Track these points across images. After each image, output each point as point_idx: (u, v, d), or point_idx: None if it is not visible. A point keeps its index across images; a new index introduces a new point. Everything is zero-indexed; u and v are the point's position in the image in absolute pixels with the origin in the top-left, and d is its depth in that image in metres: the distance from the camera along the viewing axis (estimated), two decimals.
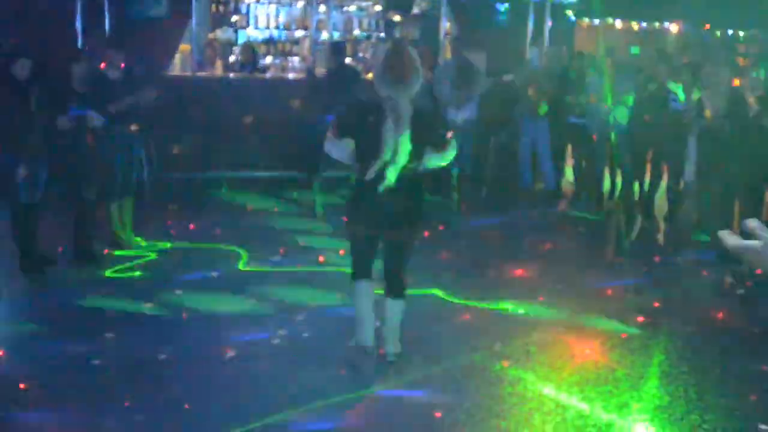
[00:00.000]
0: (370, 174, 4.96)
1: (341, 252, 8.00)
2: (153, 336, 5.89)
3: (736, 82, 7.97)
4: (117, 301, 6.55)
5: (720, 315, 6.80)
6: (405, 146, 4.94)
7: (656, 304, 6.89)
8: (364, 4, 12.59)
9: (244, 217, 9.43)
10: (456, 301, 6.75)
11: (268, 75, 11.97)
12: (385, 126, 4.91)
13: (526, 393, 5.18)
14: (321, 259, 7.85)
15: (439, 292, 6.87)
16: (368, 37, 12.62)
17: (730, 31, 13.70)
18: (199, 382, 5.20)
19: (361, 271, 5.36)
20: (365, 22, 12.65)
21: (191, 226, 8.79)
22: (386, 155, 4.92)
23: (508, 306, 6.72)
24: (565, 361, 5.70)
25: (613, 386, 5.33)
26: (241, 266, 7.54)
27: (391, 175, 4.95)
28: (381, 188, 4.97)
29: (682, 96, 8.92)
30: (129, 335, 5.88)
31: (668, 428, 4.82)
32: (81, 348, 5.59)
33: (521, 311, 6.65)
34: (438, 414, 4.84)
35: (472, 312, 6.57)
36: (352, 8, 12.51)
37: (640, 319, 6.55)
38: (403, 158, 4.96)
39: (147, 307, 6.41)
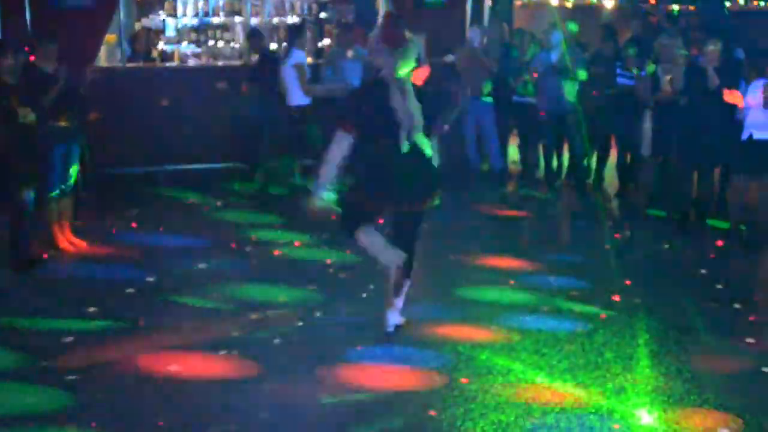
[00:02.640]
0: (404, 144, 4.92)
1: (296, 244, 7.73)
2: (104, 341, 5.45)
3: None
4: (61, 308, 6.08)
5: (691, 288, 6.70)
6: (418, 110, 4.93)
7: (627, 282, 6.74)
8: None
9: (187, 212, 8.97)
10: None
11: (194, 63, 11.53)
12: (393, 98, 4.88)
13: (519, 383, 4.93)
14: (276, 252, 7.49)
15: None
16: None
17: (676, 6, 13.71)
18: (158, 394, 4.80)
19: (356, 225, 5.21)
20: (297, 5, 12.24)
21: (133, 224, 8.32)
22: (405, 123, 4.89)
23: (478, 292, 6.50)
24: (550, 347, 5.47)
25: (605, 370, 5.13)
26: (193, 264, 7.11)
27: (423, 139, 4.99)
28: (427, 151, 5.00)
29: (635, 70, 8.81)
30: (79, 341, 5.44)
31: (669, 410, 4.63)
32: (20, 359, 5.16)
33: (492, 297, 6.42)
34: (433, 413, 4.55)
35: (441, 299, 6.32)
36: None
37: (616, 298, 6.39)
38: (419, 120, 4.93)
39: (95, 313, 5.96)
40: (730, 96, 7.46)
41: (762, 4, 13.97)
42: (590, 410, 4.62)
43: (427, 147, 5.05)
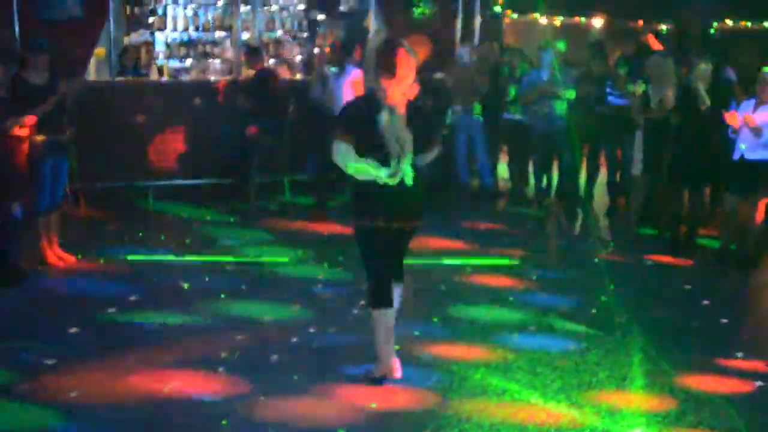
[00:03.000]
0: (394, 172, 4.77)
1: (286, 260, 7.68)
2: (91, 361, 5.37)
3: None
4: (47, 324, 5.98)
5: (683, 307, 6.71)
6: (408, 137, 4.78)
7: (619, 300, 6.71)
8: (286, 3, 12.15)
9: (176, 227, 8.90)
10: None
11: (188, 78, 11.49)
12: (381, 120, 4.74)
13: (514, 403, 4.88)
14: (266, 269, 7.42)
15: None
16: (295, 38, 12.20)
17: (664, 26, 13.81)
18: (146, 413, 4.73)
19: (386, 294, 4.99)
20: (288, 21, 12.22)
21: (121, 239, 8.24)
22: (393, 149, 4.74)
23: (470, 310, 6.46)
24: (544, 366, 5.43)
25: (599, 390, 5.10)
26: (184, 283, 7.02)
27: (407, 168, 4.80)
28: (407, 181, 4.82)
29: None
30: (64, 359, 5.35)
31: (665, 431, 4.60)
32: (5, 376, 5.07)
33: (485, 315, 6.38)
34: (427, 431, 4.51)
35: (434, 318, 6.26)
36: (274, 8, 12.04)
37: (608, 317, 6.36)
38: (408, 148, 4.78)
39: (81, 329, 5.87)
40: (730, 118, 7.48)
41: (749, 25, 14.07)
42: (585, 431, 4.58)
43: (408, 177, 4.86)
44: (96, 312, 6.18)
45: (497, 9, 12.21)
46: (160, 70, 11.52)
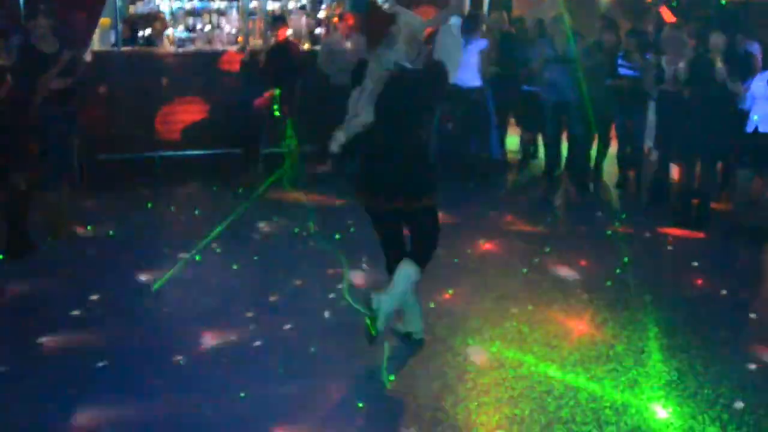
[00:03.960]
0: (337, 140, 4.95)
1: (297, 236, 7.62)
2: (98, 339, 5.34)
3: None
4: (58, 296, 5.95)
5: (697, 281, 6.66)
6: (368, 109, 4.83)
7: (632, 275, 6.67)
8: None
9: (185, 199, 8.83)
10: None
11: (193, 48, 11.38)
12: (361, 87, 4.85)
13: (531, 376, 4.86)
14: (267, 239, 7.38)
15: None
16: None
17: None
18: (162, 390, 4.70)
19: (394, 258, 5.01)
20: None
21: (131, 211, 8.18)
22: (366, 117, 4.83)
23: (485, 282, 6.42)
24: (560, 339, 5.41)
25: (617, 363, 5.07)
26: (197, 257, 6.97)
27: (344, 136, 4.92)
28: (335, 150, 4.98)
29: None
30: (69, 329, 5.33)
31: (684, 406, 4.58)
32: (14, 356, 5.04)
33: (499, 288, 6.34)
34: (446, 407, 4.47)
35: (449, 291, 6.22)
36: None
37: (623, 290, 6.33)
38: (367, 118, 4.83)
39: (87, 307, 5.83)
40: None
41: None
42: (605, 404, 4.56)
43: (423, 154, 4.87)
44: (101, 286, 6.14)
45: None
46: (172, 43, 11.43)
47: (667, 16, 10.26)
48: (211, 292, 6.10)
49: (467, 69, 9.41)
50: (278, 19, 10.15)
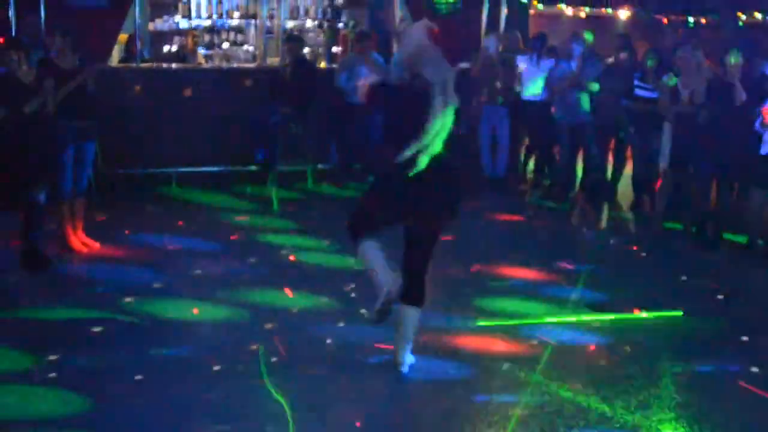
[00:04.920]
0: (404, 157, 4.63)
1: (311, 250, 7.64)
2: (117, 348, 5.35)
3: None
4: (71, 309, 5.97)
5: (712, 302, 6.61)
6: (442, 133, 4.65)
7: (646, 295, 6.65)
8: None
9: (200, 214, 8.87)
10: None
11: (211, 65, 11.48)
12: (428, 110, 4.58)
13: (542, 396, 4.84)
14: (292, 258, 7.39)
15: None
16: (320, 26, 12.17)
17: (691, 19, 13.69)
18: (173, 399, 4.71)
19: (360, 230, 4.88)
20: (312, 9, 12.18)
21: (145, 226, 8.22)
22: (425, 139, 4.61)
23: (496, 302, 6.41)
24: (572, 359, 5.39)
25: (628, 384, 5.04)
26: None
27: (423, 161, 4.63)
28: (411, 173, 4.64)
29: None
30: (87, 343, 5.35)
31: (696, 427, 4.54)
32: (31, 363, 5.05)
33: (511, 308, 6.33)
34: (455, 426, 4.46)
35: (460, 310, 6.21)
36: None
37: (636, 311, 6.30)
38: (438, 144, 4.65)
39: (105, 315, 5.85)
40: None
41: None
42: (616, 426, 4.54)
43: (453, 175, 4.83)
44: (119, 299, 6.17)
45: (525, 3, 12.08)
46: (206, 57, 11.58)
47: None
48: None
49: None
50: (293, 39, 10.23)
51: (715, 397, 4.92)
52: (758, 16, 13.47)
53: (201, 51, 11.78)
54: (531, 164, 11.03)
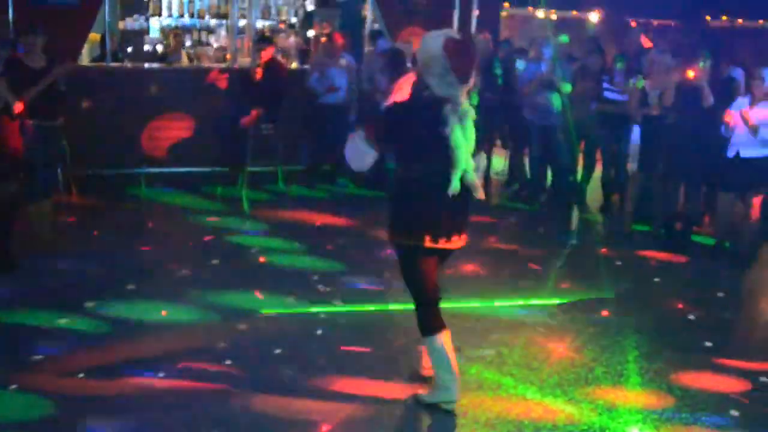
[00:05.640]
0: (455, 186, 4.40)
1: (280, 250, 7.63)
2: (85, 353, 5.31)
3: (690, 74, 7.83)
4: (41, 311, 5.90)
5: (678, 305, 6.68)
6: (468, 149, 4.45)
7: (614, 297, 6.71)
8: None
9: (169, 216, 8.82)
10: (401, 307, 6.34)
11: (178, 65, 11.42)
12: (449, 129, 4.35)
13: (509, 398, 4.86)
14: (261, 259, 7.37)
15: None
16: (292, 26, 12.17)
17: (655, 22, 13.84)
18: (140, 402, 4.68)
19: (437, 317, 4.63)
20: (284, 10, 12.17)
21: (113, 227, 8.16)
22: (459, 161, 4.38)
23: (464, 305, 6.42)
24: (540, 361, 5.42)
25: (595, 386, 5.09)
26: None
27: (456, 181, 4.42)
28: (450, 192, 4.42)
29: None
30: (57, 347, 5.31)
31: (662, 429, 4.59)
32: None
33: (479, 310, 6.35)
34: (424, 427, 4.48)
35: None
36: None
37: (604, 313, 6.36)
38: (467, 161, 4.45)
39: (74, 317, 5.80)
40: (728, 117, 7.51)
41: (751, 20, 14.10)
42: (582, 427, 4.57)
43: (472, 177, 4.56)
44: (88, 300, 6.12)
45: (497, 6, 12.13)
46: (190, 58, 11.50)
47: (646, 42, 10.36)
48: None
49: None
50: (263, 40, 10.22)
51: (682, 399, 4.96)
52: (725, 20, 13.66)
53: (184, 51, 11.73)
54: (502, 165, 11.08)
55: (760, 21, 14.63)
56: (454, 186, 4.41)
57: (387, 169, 5.61)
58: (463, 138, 4.40)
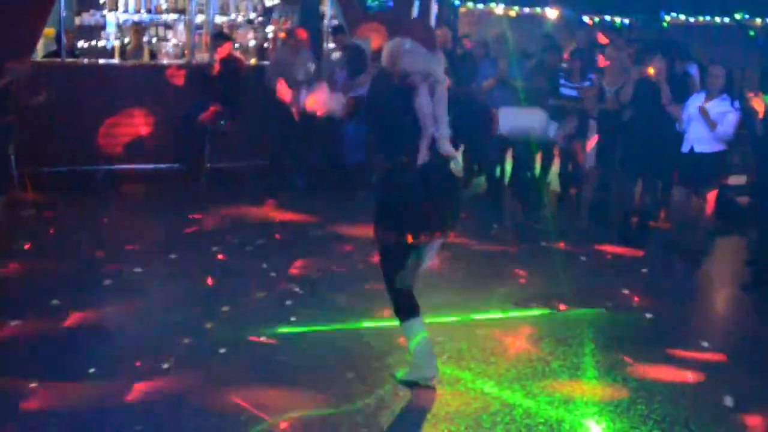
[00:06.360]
0: (423, 155, 4.40)
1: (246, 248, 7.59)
2: (44, 353, 5.25)
3: (650, 71, 7.94)
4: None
5: (634, 298, 6.77)
6: (439, 117, 4.46)
7: (571, 290, 6.77)
8: None
9: (128, 213, 8.73)
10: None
11: (137, 62, 11.29)
12: (419, 97, 4.38)
13: (468, 393, 4.89)
14: (220, 256, 7.33)
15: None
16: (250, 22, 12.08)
17: (608, 17, 13.99)
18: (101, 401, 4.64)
19: (412, 303, 4.79)
20: (243, 5, 12.08)
21: (71, 224, 8.06)
22: (425, 126, 4.39)
23: (422, 299, 6.40)
24: (498, 356, 5.46)
25: (552, 379, 5.14)
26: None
27: (447, 148, 4.47)
28: (455, 167, 4.53)
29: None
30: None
31: (618, 421, 4.65)
32: None
33: (437, 305, 6.33)
34: (383, 422, 4.49)
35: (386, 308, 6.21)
36: None
37: (562, 307, 6.43)
38: (446, 129, 4.48)
39: (25, 321, 5.73)
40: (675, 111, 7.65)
41: (706, 18, 14.31)
42: (539, 420, 4.61)
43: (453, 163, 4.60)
44: (46, 300, 6.03)
45: (455, 2, 12.16)
46: (152, 54, 11.35)
47: (602, 39, 10.47)
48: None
49: None
50: (220, 36, 10.16)
51: (638, 390, 5.03)
52: (682, 17, 13.85)
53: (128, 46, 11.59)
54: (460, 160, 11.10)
55: (717, 18, 14.86)
56: (422, 155, 4.41)
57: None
58: (429, 104, 4.40)
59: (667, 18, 14.00)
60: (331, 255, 7.46)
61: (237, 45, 11.56)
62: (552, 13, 14.07)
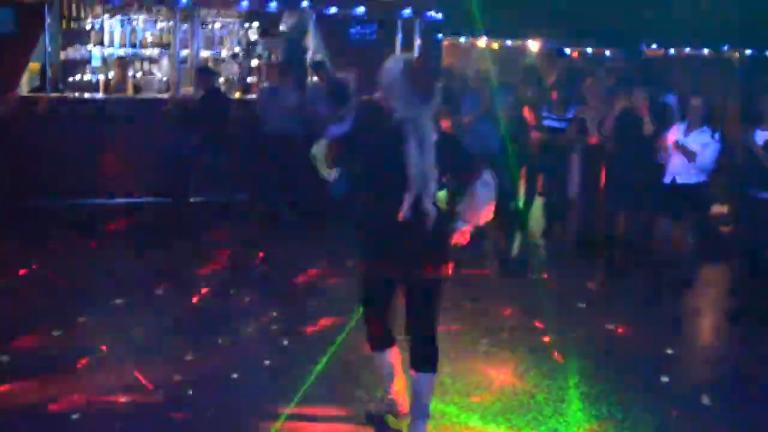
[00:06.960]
0: (405, 211, 4.22)
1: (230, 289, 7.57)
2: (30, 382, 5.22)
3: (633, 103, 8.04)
4: None
5: (618, 329, 6.78)
6: (433, 173, 4.28)
7: (558, 324, 6.78)
8: (227, 21, 12.09)
9: (112, 246, 8.70)
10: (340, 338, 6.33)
11: (120, 95, 11.33)
12: (408, 151, 4.21)
13: (453, 427, 4.88)
14: (203, 291, 7.32)
15: None
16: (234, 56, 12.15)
17: (590, 50, 14.15)
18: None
19: (378, 338, 4.71)
20: (227, 39, 12.16)
21: (56, 259, 8.03)
22: (417, 185, 4.24)
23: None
24: (482, 389, 5.44)
25: (537, 413, 5.13)
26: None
27: (429, 206, 4.29)
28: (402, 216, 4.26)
29: None
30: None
31: None
32: None
33: None
34: None
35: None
36: (217, 26, 11.99)
37: (545, 339, 6.43)
38: (433, 186, 4.31)
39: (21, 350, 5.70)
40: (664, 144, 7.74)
41: (687, 50, 14.50)
42: None
43: (444, 219, 4.46)
44: (25, 331, 6.01)
45: (439, 35, 12.25)
46: (137, 88, 11.39)
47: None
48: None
49: None
50: (205, 70, 10.23)
51: (623, 420, 5.03)
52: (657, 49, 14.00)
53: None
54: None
55: (693, 51, 15.07)
56: (405, 210, 4.26)
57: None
58: (420, 158, 4.22)
59: (646, 50, 14.18)
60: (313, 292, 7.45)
61: (222, 79, 11.64)
62: (534, 46, 14.21)
